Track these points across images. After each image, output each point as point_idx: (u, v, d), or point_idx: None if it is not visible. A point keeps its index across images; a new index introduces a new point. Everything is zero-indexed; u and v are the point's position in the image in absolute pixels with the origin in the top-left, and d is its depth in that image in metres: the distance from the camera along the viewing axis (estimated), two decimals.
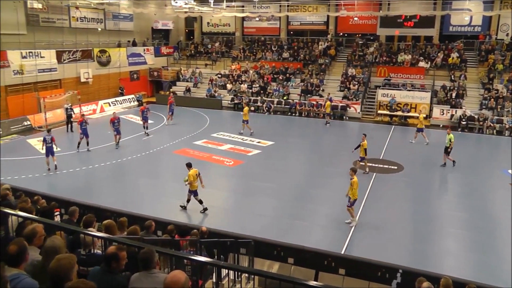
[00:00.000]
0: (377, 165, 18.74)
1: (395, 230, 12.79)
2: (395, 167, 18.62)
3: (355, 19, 35.45)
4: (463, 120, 26.06)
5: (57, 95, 26.99)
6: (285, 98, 31.24)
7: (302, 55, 34.94)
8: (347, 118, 29.09)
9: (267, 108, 30.56)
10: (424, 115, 24.49)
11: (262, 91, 32.43)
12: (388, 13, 32.55)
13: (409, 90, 29.21)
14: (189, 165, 13.80)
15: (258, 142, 22.30)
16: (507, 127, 25.13)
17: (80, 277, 3.75)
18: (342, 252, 11.13)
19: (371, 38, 35.96)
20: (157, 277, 4.05)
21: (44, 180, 16.69)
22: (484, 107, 26.86)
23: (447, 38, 32.93)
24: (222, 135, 23.63)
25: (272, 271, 9.69)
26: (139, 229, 7.61)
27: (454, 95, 28.00)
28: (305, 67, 34.10)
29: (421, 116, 23.17)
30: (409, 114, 27.84)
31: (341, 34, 37.48)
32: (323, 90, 31.09)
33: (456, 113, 26.76)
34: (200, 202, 13.77)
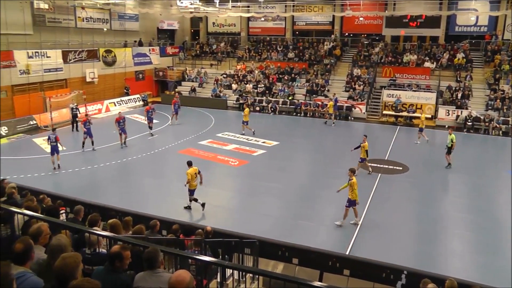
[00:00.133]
0: (382, 165, 18.70)
1: (400, 231, 12.75)
2: (400, 167, 18.56)
3: (361, 19, 35.43)
4: (469, 121, 25.96)
5: (62, 94, 27.14)
6: (290, 98, 31.24)
7: (308, 55, 34.91)
8: (352, 118, 29.03)
9: (272, 109, 30.57)
10: (428, 115, 24.41)
11: (267, 91, 32.44)
12: (393, 13, 32.46)
13: (415, 91, 29.08)
14: (189, 163, 13.81)
15: (263, 142, 22.29)
16: None
17: (85, 275, 3.76)
18: (347, 253, 11.09)
19: (377, 38, 35.87)
20: (162, 276, 4.06)
21: (49, 179, 16.78)
22: (490, 108, 26.73)
23: (453, 38, 32.77)
24: (227, 135, 23.64)
25: (277, 271, 9.69)
26: (144, 228, 7.63)
27: (459, 95, 27.87)
28: (310, 67, 34.07)
29: (423, 116, 23.24)
30: (415, 115, 27.68)
31: (346, 34, 37.43)
32: (328, 90, 31.05)
33: (461, 114, 26.63)
34: (195, 200, 13.84)
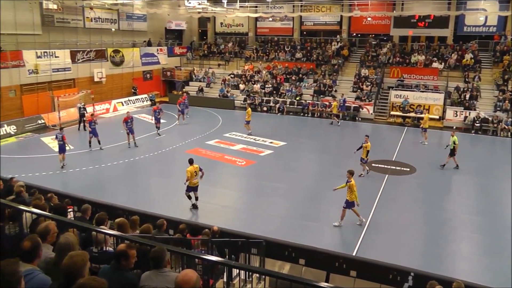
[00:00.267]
0: (389, 166, 18.65)
1: (407, 232, 12.68)
2: (408, 169, 18.48)
3: (369, 19, 35.25)
4: (477, 122, 25.80)
5: (70, 94, 27.28)
6: (297, 98, 31.19)
7: (315, 56, 34.85)
8: (359, 119, 28.94)
9: (279, 109, 30.53)
10: (436, 116, 24.29)
11: (274, 92, 32.42)
12: (401, 13, 32.29)
13: (422, 91, 28.94)
14: (190, 161, 13.83)
15: (271, 143, 22.27)
16: None
17: (92, 274, 3.79)
18: (354, 254, 11.06)
19: (384, 38, 35.74)
20: (168, 276, 4.07)
21: (57, 177, 16.88)
22: (499, 109, 26.50)
23: (461, 38, 32.50)
24: (235, 135, 23.65)
25: (283, 272, 9.68)
26: (152, 227, 7.65)
27: (468, 96, 27.67)
28: (318, 68, 34.00)
29: (426, 116, 23.18)
30: (422, 116, 27.49)
31: (354, 34, 37.33)
32: (335, 91, 30.98)
33: (469, 115, 26.46)
34: (188, 197, 13.90)
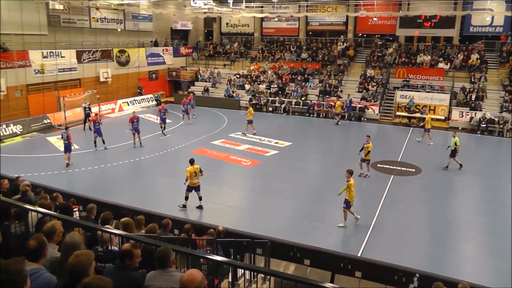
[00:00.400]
0: (394, 167, 18.58)
1: (412, 233, 12.64)
2: (413, 169, 18.40)
3: (374, 19, 35.15)
4: (483, 122, 25.65)
5: (76, 94, 27.41)
6: (303, 99, 31.16)
7: (321, 56, 34.80)
8: (365, 119, 28.86)
9: (285, 109, 30.52)
10: (441, 117, 24.21)
11: (280, 92, 32.40)
12: (407, 13, 32.18)
13: (428, 92, 28.80)
14: (191, 161, 13.85)
15: (276, 143, 22.24)
16: None
17: (97, 273, 3.79)
18: (359, 255, 11.03)
19: (390, 38, 35.59)
20: (173, 275, 4.08)
21: (63, 177, 16.94)
22: (505, 109, 26.32)
23: (467, 38, 32.32)
24: (240, 135, 23.65)
25: (288, 272, 9.67)
26: (157, 227, 7.67)
27: (473, 97, 27.52)
28: (323, 68, 33.96)
29: (428, 116, 23.13)
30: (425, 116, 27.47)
31: (360, 34, 37.24)
32: (341, 91, 30.92)
33: (475, 115, 26.32)
34: (186, 198, 13.89)
